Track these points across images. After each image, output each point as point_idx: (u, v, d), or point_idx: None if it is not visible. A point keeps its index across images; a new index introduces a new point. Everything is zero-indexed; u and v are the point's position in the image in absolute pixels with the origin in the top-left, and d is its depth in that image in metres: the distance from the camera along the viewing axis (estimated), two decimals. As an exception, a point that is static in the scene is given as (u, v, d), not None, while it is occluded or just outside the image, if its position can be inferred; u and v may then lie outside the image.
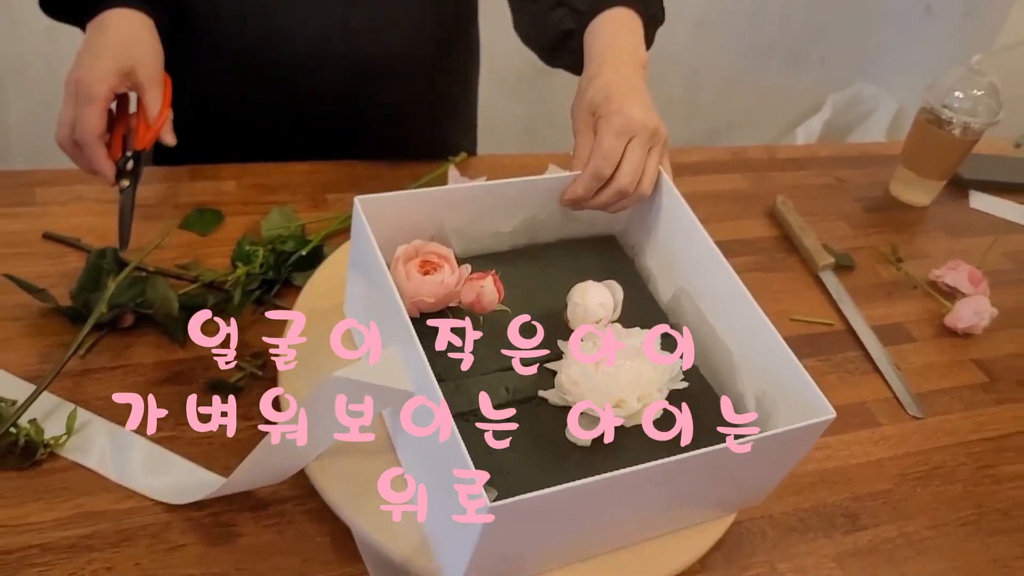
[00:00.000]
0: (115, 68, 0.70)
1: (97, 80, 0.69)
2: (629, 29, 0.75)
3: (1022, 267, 1.05)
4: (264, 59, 0.87)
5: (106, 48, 0.71)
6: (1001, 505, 0.74)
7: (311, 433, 0.57)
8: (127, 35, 0.73)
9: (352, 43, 0.87)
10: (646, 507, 0.56)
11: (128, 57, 0.71)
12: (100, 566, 0.56)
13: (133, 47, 0.73)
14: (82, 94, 0.69)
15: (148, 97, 0.73)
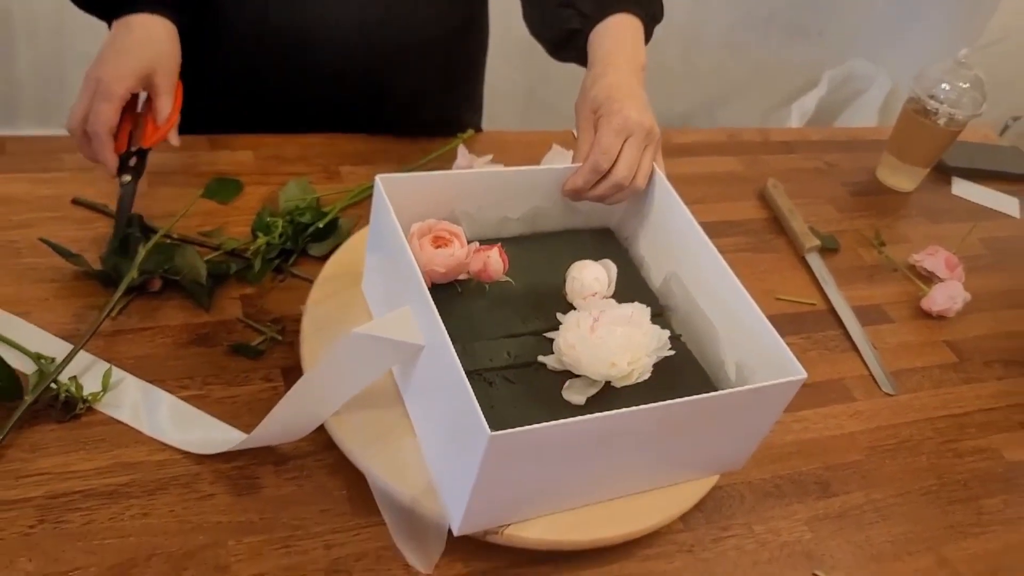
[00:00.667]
0: (136, 70, 0.74)
1: (117, 79, 0.73)
2: (631, 34, 0.80)
3: (997, 253, 1.10)
4: (284, 43, 0.91)
5: (129, 51, 0.75)
6: (960, 477, 0.80)
7: (330, 387, 0.63)
8: (150, 40, 0.77)
9: (370, 30, 0.91)
10: (633, 458, 0.61)
11: (149, 61, 0.76)
12: (137, 511, 0.61)
13: (154, 52, 0.76)
14: (101, 90, 0.73)
15: (161, 100, 0.77)
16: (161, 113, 0.77)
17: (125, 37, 0.76)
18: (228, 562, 0.60)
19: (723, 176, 1.11)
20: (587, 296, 0.71)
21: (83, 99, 0.74)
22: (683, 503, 0.67)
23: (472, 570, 0.63)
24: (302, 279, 0.80)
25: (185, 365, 0.71)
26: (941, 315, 0.95)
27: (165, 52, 0.78)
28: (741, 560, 0.68)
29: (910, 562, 0.72)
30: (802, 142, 1.21)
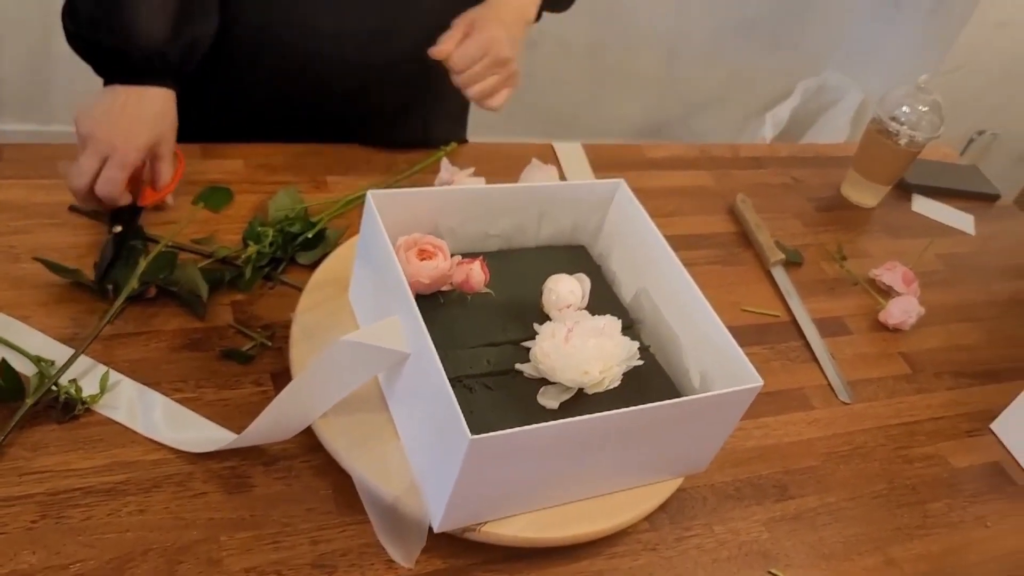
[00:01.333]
0: (148, 142, 0.80)
1: (132, 150, 0.79)
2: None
3: (952, 269, 1.16)
4: (283, 56, 0.94)
5: (144, 122, 0.80)
6: (909, 482, 0.86)
7: (318, 391, 0.67)
8: (163, 113, 0.82)
9: (366, 45, 0.95)
10: (603, 460, 0.65)
11: (159, 134, 0.81)
12: (134, 508, 0.64)
13: (165, 125, 0.82)
14: (116, 160, 0.78)
15: (161, 165, 0.83)
16: (162, 178, 0.83)
17: (139, 107, 0.81)
18: (220, 556, 0.63)
19: (694, 190, 1.15)
20: (562, 308, 0.75)
21: (92, 159, 0.78)
22: (649, 504, 0.72)
23: (450, 566, 0.67)
24: (290, 286, 0.84)
25: (179, 369, 0.75)
26: (897, 328, 1.01)
27: (172, 124, 0.83)
28: (702, 558, 0.73)
29: (859, 561, 0.77)
30: (771, 158, 1.26)
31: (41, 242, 0.80)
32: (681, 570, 0.72)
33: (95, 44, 0.83)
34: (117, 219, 0.81)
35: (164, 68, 0.83)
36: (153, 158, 0.83)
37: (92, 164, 0.78)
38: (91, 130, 0.79)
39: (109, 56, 0.82)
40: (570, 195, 0.82)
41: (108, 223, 0.82)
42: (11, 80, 1.90)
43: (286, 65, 0.96)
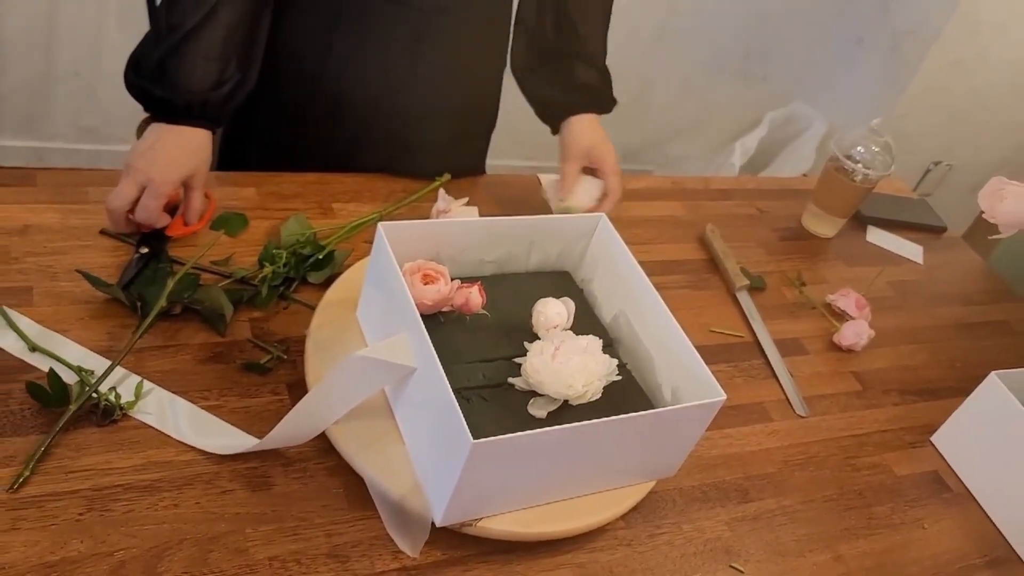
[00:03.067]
0: (182, 176, 0.91)
1: (167, 183, 0.89)
2: None
3: (901, 295, 1.27)
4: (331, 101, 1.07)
5: (180, 159, 0.90)
6: (857, 487, 0.95)
7: (333, 401, 0.75)
8: (198, 149, 0.92)
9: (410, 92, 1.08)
10: (584, 464, 0.74)
11: (192, 168, 0.91)
12: (169, 503, 0.72)
13: (199, 160, 0.92)
14: (153, 190, 0.88)
15: (194, 196, 0.93)
16: (193, 208, 0.93)
17: (177, 144, 0.91)
18: (246, 546, 0.71)
19: (668, 220, 1.25)
20: (550, 328, 0.84)
21: (130, 187, 0.88)
22: (624, 504, 0.81)
23: (449, 557, 0.75)
24: (303, 304, 0.92)
25: (204, 379, 0.83)
26: (850, 349, 1.11)
27: (205, 160, 0.93)
28: (671, 553, 0.82)
29: (811, 557, 0.86)
30: (738, 190, 1.37)
31: (76, 262, 0.88)
32: (653, 563, 0.81)
33: (148, 92, 0.92)
34: (145, 242, 0.90)
35: (203, 113, 0.92)
36: (186, 189, 0.92)
37: (130, 191, 0.88)
38: (133, 161, 0.88)
39: (158, 101, 0.91)
40: (557, 227, 0.92)
41: (135, 245, 0.90)
42: (12, 97, 1.96)
43: (336, 111, 1.07)
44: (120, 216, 0.89)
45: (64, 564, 0.66)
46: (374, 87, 1.07)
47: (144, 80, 0.91)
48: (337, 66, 1.05)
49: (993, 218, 1.06)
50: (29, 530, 0.68)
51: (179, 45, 0.89)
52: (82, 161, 2.06)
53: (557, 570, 0.77)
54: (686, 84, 2.54)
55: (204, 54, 0.90)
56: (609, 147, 1.11)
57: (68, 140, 2.04)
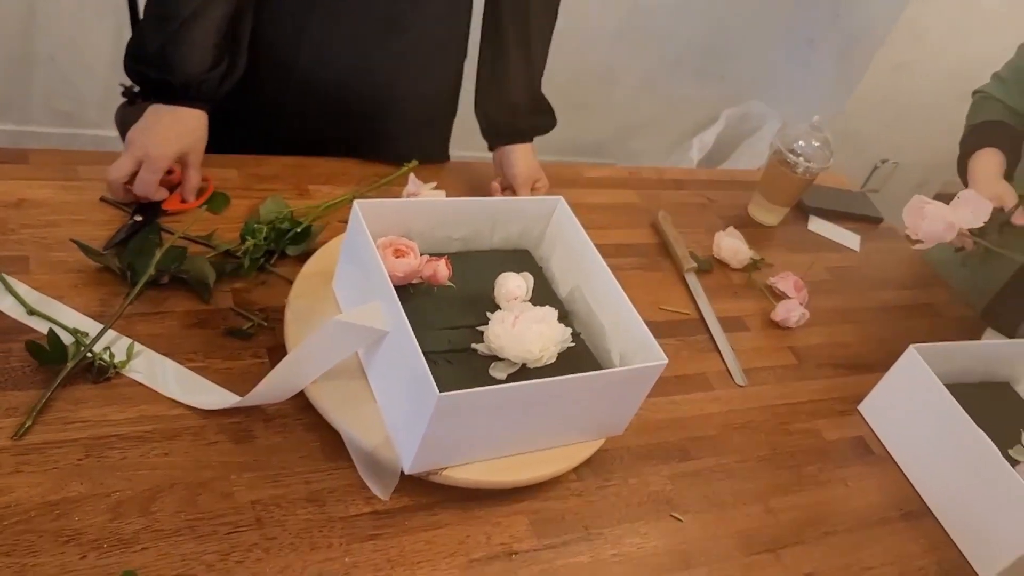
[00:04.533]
0: (178, 152, 0.98)
1: (163, 157, 0.97)
2: None
3: (838, 280, 1.37)
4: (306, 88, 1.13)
5: (177, 136, 0.98)
6: (788, 449, 1.05)
7: (312, 361, 0.82)
8: (194, 128, 1.00)
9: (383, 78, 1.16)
10: (540, 420, 0.83)
11: (189, 146, 0.99)
12: (160, 452, 0.79)
13: (194, 138, 1.00)
14: (149, 164, 0.96)
15: (190, 173, 1.01)
16: (192, 183, 1.01)
17: (173, 123, 0.98)
18: (231, 491, 0.78)
19: (624, 207, 1.34)
20: (510, 300, 0.92)
21: (128, 161, 0.96)
22: (577, 459, 0.89)
23: (416, 502, 0.83)
24: (281, 277, 0.99)
25: (190, 343, 0.89)
26: (783, 324, 1.21)
27: (200, 139, 1.01)
28: (618, 503, 0.91)
29: (743, 509, 0.95)
30: (690, 180, 1.46)
31: (69, 234, 0.94)
32: (601, 511, 0.89)
33: (146, 75, 0.99)
34: (140, 211, 0.98)
35: (199, 94, 0.99)
36: (184, 167, 0.99)
37: (128, 165, 0.96)
38: (133, 138, 0.97)
39: (156, 84, 0.98)
40: (518, 208, 1.00)
41: (131, 212, 0.97)
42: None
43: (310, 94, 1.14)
44: (118, 187, 0.97)
45: (65, 503, 0.73)
46: (345, 73, 1.14)
47: (142, 64, 0.98)
48: (310, 51, 1.12)
49: (915, 234, 1.16)
50: (32, 473, 0.74)
51: (177, 32, 0.96)
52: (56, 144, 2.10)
53: (514, 516, 0.85)
54: (647, 82, 2.64)
55: (200, 41, 0.97)
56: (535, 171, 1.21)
57: (43, 124, 2.08)
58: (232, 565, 0.73)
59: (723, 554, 0.90)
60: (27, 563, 0.68)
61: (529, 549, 0.83)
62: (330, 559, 0.76)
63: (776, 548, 0.92)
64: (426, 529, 0.81)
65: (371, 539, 0.79)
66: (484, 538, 0.82)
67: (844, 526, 0.98)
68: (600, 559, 0.85)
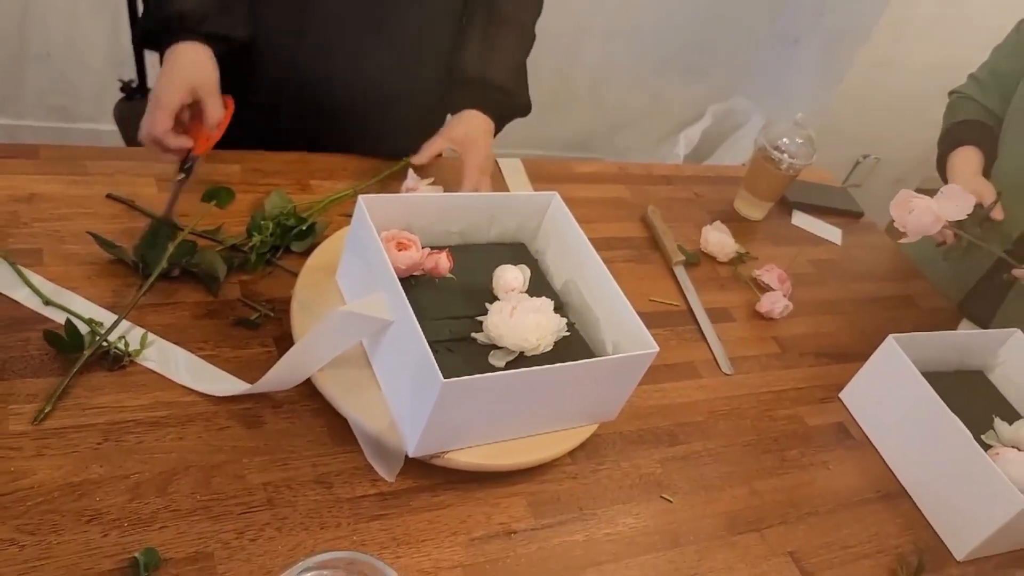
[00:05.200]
0: (183, 86, 0.98)
1: (167, 94, 0.97)
2: None
3: (820, 272, 1.41)
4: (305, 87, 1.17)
5: (178, 71, 0.99)
6: (773, 435, 1.09)
7: (318, 350, 0.86)
8: (193, 63, 1.00)
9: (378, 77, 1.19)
10: (537, 406, 0.87)
11: (193, 79, 0.99)
12: (175, 436, 0.83)
13: (197, 71, 1.00)
14: (154, 103, 0.96)
15: (207, 105, 1.00)
16: (211, 116, 1.01)
17: (174, 64, 1.00)
18: (243, 473, 0.82)
19: (614, 201, 1.38)
20: (508, 291, 0.96)
21: (146, 114, 0.98)
22: (571, 443, 0.93)
23: (419, 484, 0.87)
24: (286, 270, 1.03)
25: (200, 333, 0.93)
26: (767, 315, 1.25)
27: (206, 70, 1.02)
28: (610, 485, 0.95)
29: (730, 491, 1.00)
30: (678, 176, 1.50)
31: (81, 227, 0.97)
32: (595, 492, 0.93)
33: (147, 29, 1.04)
34: (181, 168, 1.01)
35: (194, 26, 1.02)
36: (200, 103, 1.01)
37: (147, 117, 0.99)
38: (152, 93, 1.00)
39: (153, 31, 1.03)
40: (515, 203, 1.04)
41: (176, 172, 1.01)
42: (-14, 77, 2.02)
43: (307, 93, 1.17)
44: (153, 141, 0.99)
45: (86, 484, 0.76)
46: (341, 72, 1.17)
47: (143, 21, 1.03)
48: (307, 52, 1.15)
49: (903, 227, 1.20)
50: (53, 456, 0.78)
51: None
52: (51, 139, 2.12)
53: (512, 497, 0.89)
54: (634, 78, 2.68)
55: None
56: (482, 148, 1.16)
57: (37, 119, 2.10)
58: (246, 543, 0.77)
59: (710, 533, 0.94)
60: (52, 541, 0.72)
61: (527, 528, 0.87)
62: (339, 537, 0.80)
63: (761, 527, 0.97)
64: (429, 509, 0.85)
65: (377, 519, 0.83)
66: (484, 518, 0.86)
67: (825, 507, 1.02)
68: (594, 538, 0.89)
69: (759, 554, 0.94)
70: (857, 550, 0.99)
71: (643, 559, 0.89)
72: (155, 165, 1.09)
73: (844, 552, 0.98)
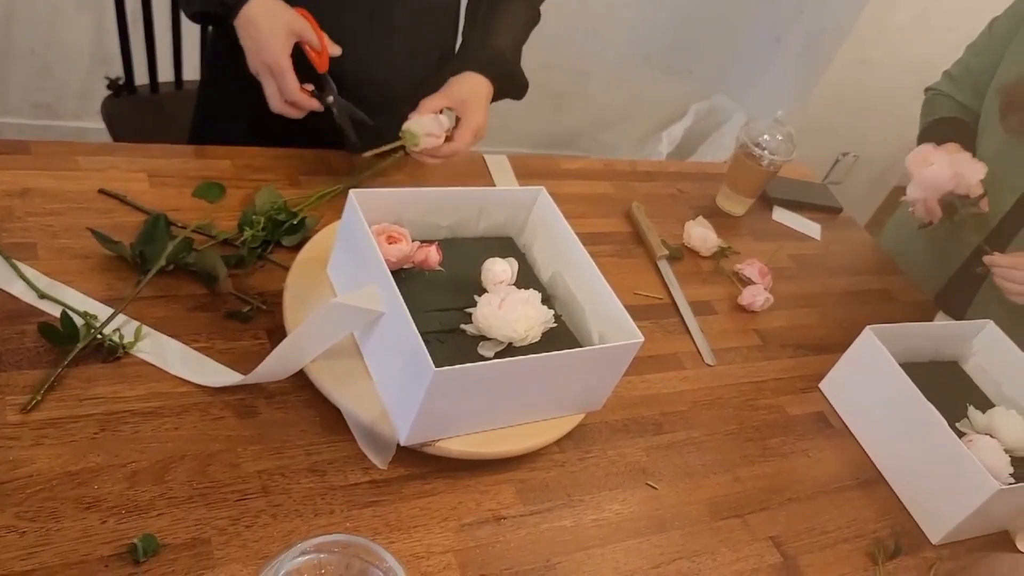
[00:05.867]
0: (282, 42, 1.03)
1: (278, 56, 1.03)
2: None
3: (800, 267, 1.44)
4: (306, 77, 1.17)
5: (268, 33, 1.03)
6: (754, 424, 1.12)
7: (311, 341, 0.88)
8: (271, 16, 1.04)
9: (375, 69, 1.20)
10: (525, 395, 0.89)
11: (281, 29, 1.03)
12: (171, 426, 0.84)
13: (280, 20, 1.04)
14: (276, 72, 1.03)
15: (308, 37, 1.06)
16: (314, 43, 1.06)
17: (256, 29, 1.03)
18: (238, 462, 0.84)
19: (599, 197, 1.41)
20: (496, 283, 0.98)
21: (269, 84, 1.04)
22: (559, 432, 0.96)
23: (411, 472, 0.89)
24: (277, 264, 1.04)
25: (194, 325, 0.94)
26: (749, 308, 1.28)
27: (288, 12, 1.05)
28: (597, 472, 0.97)
29: (713, 478, 1.03)
30: (662, 172, 1.53)
31: (73, 222, 0.98)
32: (582, 480, 0.96)
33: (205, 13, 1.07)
34: (320, 91, 1.06)
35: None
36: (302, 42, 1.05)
37: (272, 87, 1.04)
38: (253, 67, 1.03)
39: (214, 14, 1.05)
40: (503, 198, 1.06)
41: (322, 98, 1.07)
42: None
43: None
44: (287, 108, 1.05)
45: (85, 473, 0.78)
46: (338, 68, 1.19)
47: None
48: None
49: (917, 176, 1.24)
50: (51, 445, 0.79)
51: None
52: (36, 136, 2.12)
53: (502, 484, 0.91)
54: (618, 76, 2.71)
55: None
56: (482, 110, 1.16)
57: (22, 116, 2.09)
58: (242, 529, 0.79)
59: (695, 519, 0.97)
60: (51, 528, 0.73)
61: (516, 515, 0.89)
62: (332, 524, 0.82)
63: (743, 513, 1.00)
64: (420, 496, 0.87)
65: (370, 506, 0.85)
66: (474, 504, 0.89)
67: (805, 493, 1.05)
68: (582, 524, 0.91)
69: (742, 539, 0.96)
70: (836, 535, 1.02)
71: (629, 544, 0.91)
72: (146, 160, 1.10)
73: (824, 537, 1.01)
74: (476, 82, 1.17)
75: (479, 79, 1.18)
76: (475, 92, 1.16)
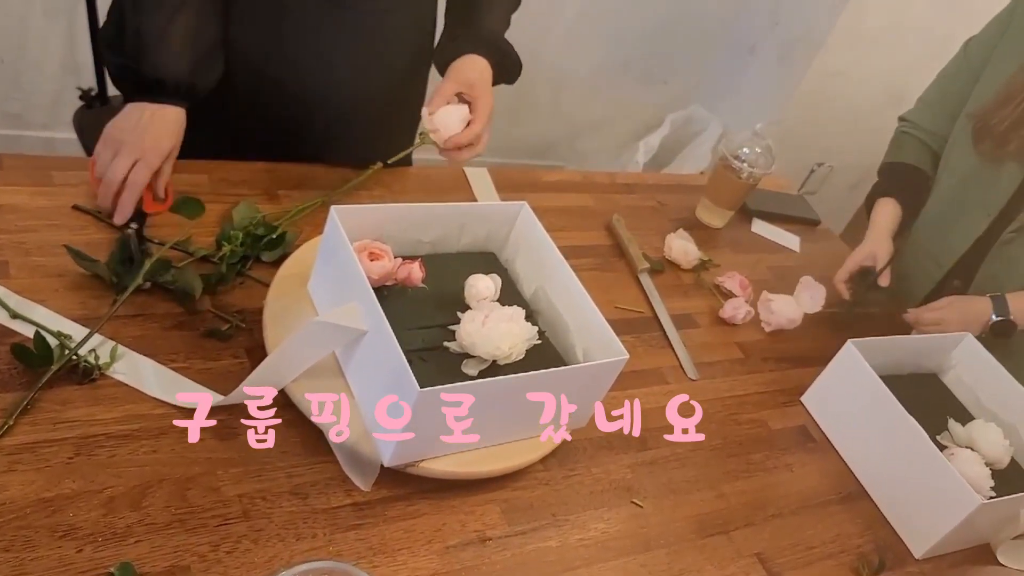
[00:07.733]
0: (169, 149, 1.02)
1: (159, 155, 1.01)
2: None
3: (780, 279, 1.45)
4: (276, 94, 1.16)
5: (167, 134, 1.02)
6: (737, 439, 1.12)
7: (293, 360, 0.86)
8: (178, 128, 1.03)
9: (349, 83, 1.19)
10: (509, 413, 0.88)
11: (174, 147, 1.02)
12: (148, 449, 0.82)
13: (178, 136, 1.03)
14: (145, 160, 0.99)
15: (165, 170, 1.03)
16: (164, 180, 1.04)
17: (163, 121, 1.01)
18: (218, 485, 0.82)
19: (579, 209, 1.40)
20: (479, 300, 0.97)
21: (126, 160, 0.99)
22: (544, 450, 0.95)
23: (395, 493, 0.87)
24: (256, 280, 1.02)
25: (171, 344, 0.92)
26: (732, 322, 1.28)
27: (180, 136, 1.04)
28: (582, 490, 0.97)
29: (697, 495, 1.02)
30: (641, 184, 1.53)
31: (47, 239, 0.96)
32: (567, 498, 0.95)
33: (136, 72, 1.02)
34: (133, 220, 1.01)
35: (180, 92, 1.02)
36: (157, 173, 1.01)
37: (126, 164, 0.99)
38: (124, 137, 0.99)
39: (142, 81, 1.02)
40: (485, 213, 1.05)
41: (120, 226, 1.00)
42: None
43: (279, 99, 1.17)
44: (114, 189, 0.99)
45: (59, 500, 0.76)
46: (313, 79, 1.18)
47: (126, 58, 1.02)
48: (280, 58, 1.15)
49: (767, 324, 1.30)
50: (25, 471, 0.77)
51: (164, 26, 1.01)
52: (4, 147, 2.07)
53: (487, 504, 0.90)
54: (594, 85, 2.71)
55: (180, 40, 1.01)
56: (489, 91, 1.15)
57: (-9, 127, 2.06)
58: (222, 555, 0.77)
59: (680, 536, 0.96)
60: (25, 557, 0.71)
61: (501, 535, 0.88)
62: (315, 548, 0.80)
63: (728, 530, 0.99)
64: (404, 518, 0.86)
65: (353, 529, 0.83)
66: (459, 526, 0.87)
67: (789, 509, 1.05)
68: (567, 543, 0.90)
69: (727, 556, 0.96)
70: (820, 550, 1.02)
71: (615, 563, 0.90)
72: (121, 175, 1.08)
73: (808, 553, 1.01)
74: (480, 64, 1.16)
75: (480, 60, 1.16)
76: (481, 74, 1.15)
